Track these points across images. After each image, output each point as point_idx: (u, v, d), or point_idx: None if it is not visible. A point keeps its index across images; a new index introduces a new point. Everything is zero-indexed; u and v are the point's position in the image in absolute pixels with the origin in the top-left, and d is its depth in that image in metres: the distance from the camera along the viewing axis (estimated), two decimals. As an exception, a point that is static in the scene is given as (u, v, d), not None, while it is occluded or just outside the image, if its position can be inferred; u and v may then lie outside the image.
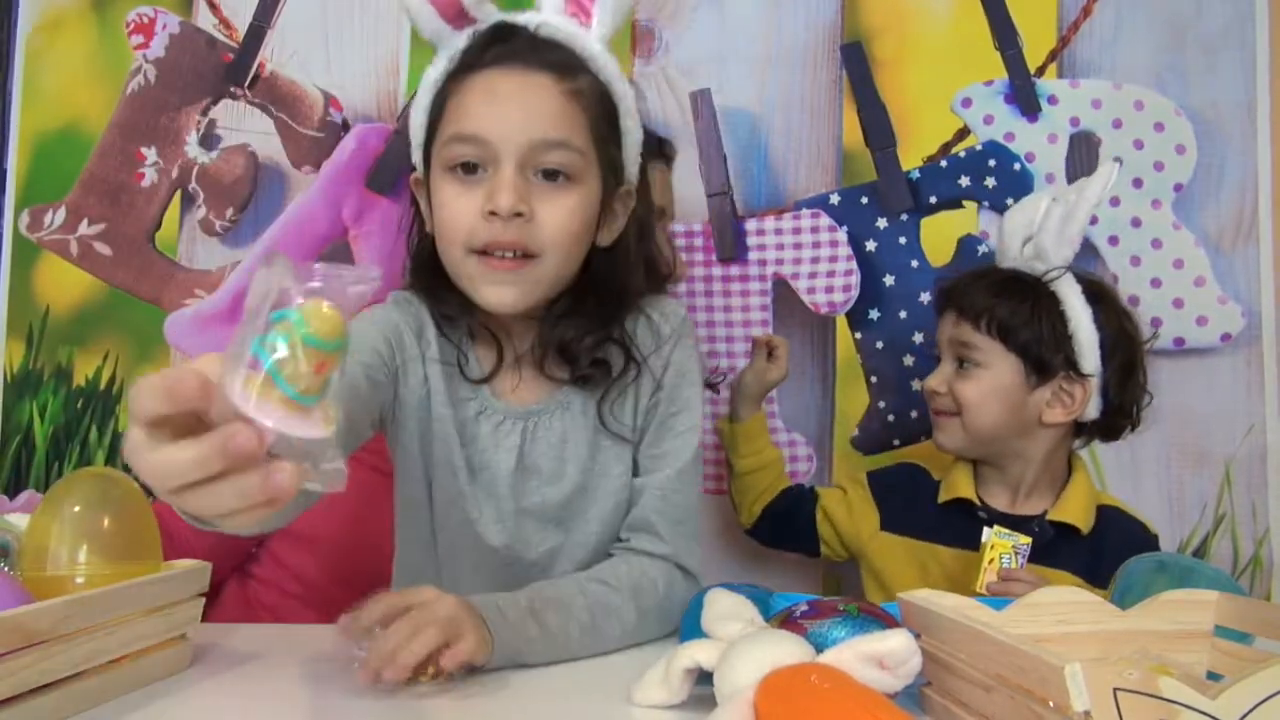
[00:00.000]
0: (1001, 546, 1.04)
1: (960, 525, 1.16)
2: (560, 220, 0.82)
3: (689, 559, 0.90)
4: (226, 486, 0.42)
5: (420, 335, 0.89)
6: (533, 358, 0.90)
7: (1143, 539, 1.16)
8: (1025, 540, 1.04)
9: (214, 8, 1.53)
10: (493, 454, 0.90)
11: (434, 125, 0.86)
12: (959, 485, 1.18)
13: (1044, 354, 1.11)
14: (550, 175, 0.82)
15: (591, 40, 0.84)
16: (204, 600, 0.76)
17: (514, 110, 0.81)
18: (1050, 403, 1.13)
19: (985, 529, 1.06)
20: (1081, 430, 1.17)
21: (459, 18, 0.85)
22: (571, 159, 0.82)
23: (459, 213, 0.82)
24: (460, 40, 0.85)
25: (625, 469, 0.92)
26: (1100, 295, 1.14)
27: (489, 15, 0.85)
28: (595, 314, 0.89)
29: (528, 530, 0.91)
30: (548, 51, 0.83)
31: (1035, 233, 1.14)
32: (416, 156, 0.89)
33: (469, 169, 0.82)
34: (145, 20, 1.53)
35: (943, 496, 1.19)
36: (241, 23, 1.53)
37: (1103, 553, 1.11)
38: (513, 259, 0.82)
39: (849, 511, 1.25)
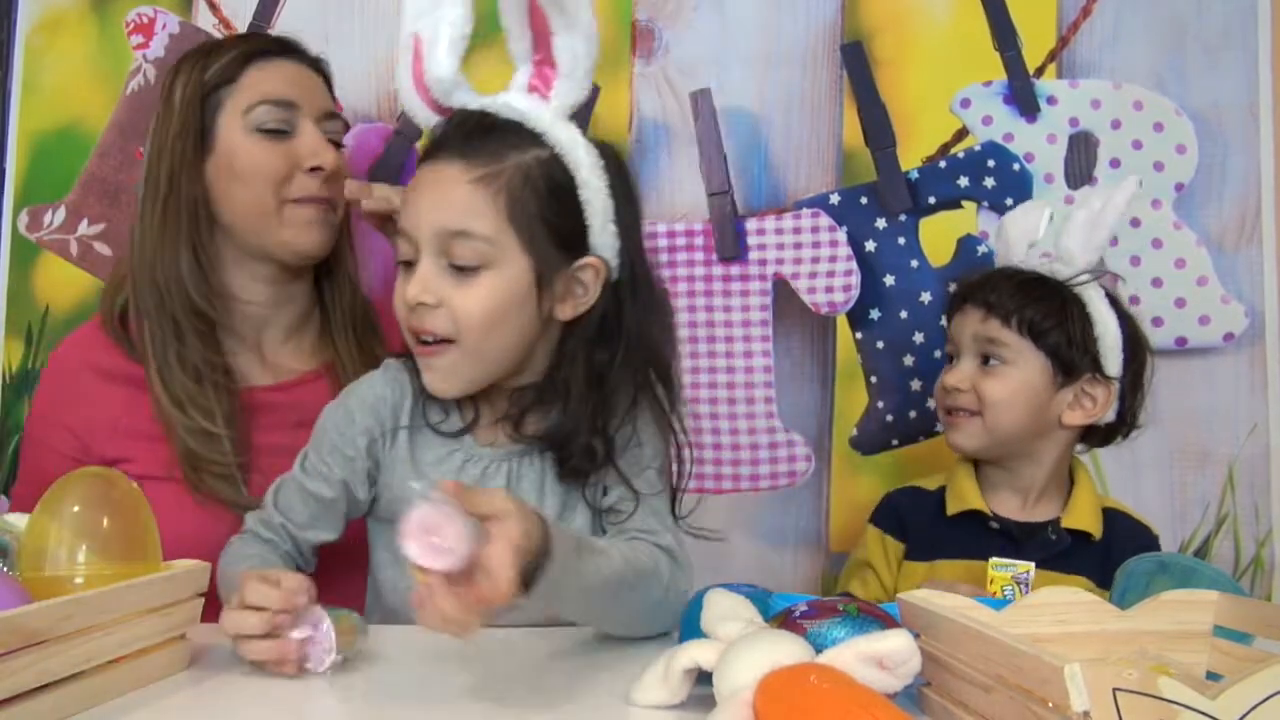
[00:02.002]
0: (1001, 580, 1.00)
1: (971, 536, 1.14)
2: (468, 305, 0.84)
3: (679, 551, 0.91)
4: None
5: (399, 406, 0.91)
6: (510, 423, 0.91)
7: (1149, 542, 1.16)
8: (1025, 568, 1.00)
9: (214, 8, 1.53)
10: None
11: None
12: (967, 496, 1.16)
13: (1073, 355, 1.11)
14: (459, 266, 0.84)
15: (545, 113, 0.86)
16: (203, 600, 0.76)
17: (424, 201, 0.85)
18: (1072, 405, 1.13)
19: (993, 559, 1.04)
20: (1087, 435, 1.17)
21: (440, 109, 0.89)
22: (475, 248, 0.83)
23: (399, 301, 0.87)
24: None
25: (587, 519, 0.94)
26: (1117, 302, 1.16)
27: (463, 103, 0.88)
28: (579, 401, 0.88)
29: None
30: (477, 138, 0.85)
31: (1052, 237, 1.15)
32: None
33: (408, 264, 0.86)
34: (145, 20, 1.53)
35: (951, 508, 1.17)
36: (241, 23, 1.52)
37: (1113, 557, 1.10)
38: (433, 344, 0.85)
39: (888, 565, 1.21)
